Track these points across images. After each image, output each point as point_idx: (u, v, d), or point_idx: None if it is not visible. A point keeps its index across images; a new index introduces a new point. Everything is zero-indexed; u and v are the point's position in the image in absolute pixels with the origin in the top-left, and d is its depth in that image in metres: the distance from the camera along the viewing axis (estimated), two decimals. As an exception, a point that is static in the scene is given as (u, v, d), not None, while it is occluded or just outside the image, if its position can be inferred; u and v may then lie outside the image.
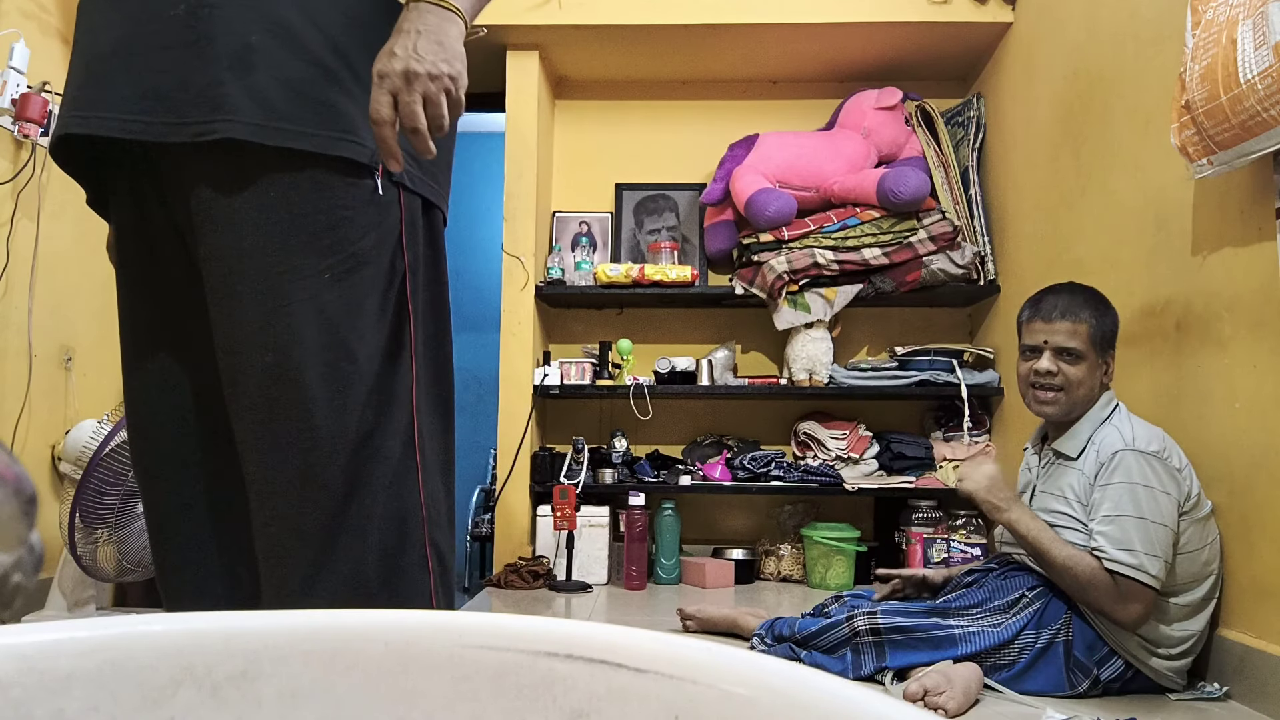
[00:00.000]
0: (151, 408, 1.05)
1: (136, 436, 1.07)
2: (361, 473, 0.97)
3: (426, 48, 0.93)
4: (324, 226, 0.95)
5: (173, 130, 0.93)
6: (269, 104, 0.93)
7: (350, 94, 0.98)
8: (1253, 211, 1.72)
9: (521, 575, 2.86)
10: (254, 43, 0.94)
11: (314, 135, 0.94)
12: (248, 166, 0.93)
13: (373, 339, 0.99)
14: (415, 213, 1.04)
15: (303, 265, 0.94)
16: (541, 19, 3.09)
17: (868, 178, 3.02)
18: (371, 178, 0.98)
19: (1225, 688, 1.70)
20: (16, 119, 2.40)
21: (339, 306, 0.96)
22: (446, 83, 0.94)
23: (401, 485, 1.01)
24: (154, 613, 0.45)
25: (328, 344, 0.95)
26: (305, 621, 0.43)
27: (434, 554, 1.03)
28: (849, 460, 3.09)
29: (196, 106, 0.92)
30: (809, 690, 0.35)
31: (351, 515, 0.97)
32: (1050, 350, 1.80)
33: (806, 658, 1.82)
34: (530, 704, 0.42)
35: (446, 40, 0.95)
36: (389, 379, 1.01)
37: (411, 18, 0.95)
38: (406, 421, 1.02)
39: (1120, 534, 1.63)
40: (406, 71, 0.92)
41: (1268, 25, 1.48)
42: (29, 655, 0.38)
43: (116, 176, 1.04)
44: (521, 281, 3.16)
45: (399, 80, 0.92)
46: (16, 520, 0.62)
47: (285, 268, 0.94)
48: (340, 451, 0.96)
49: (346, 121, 0.97)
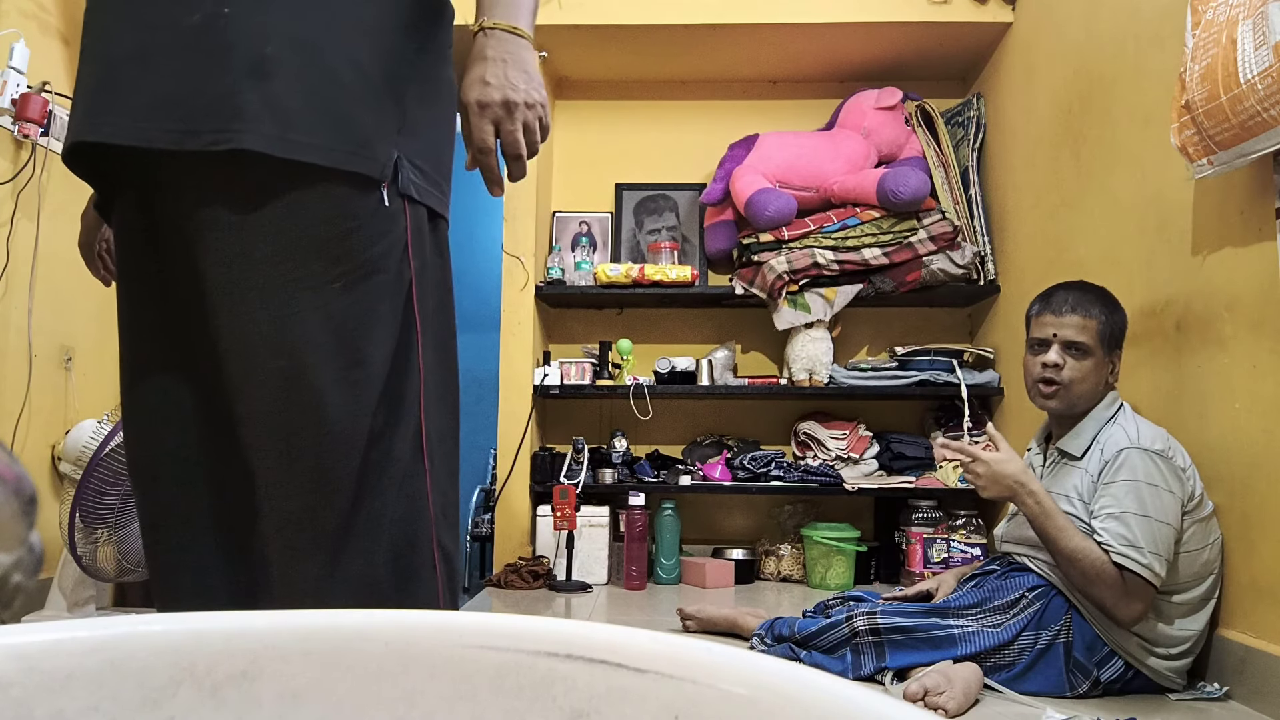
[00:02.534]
0: (151, 414, 1.05)
1: (134, 443, 1.07)
2: (372, 475, 0.98)
3: (518, 76, 0.99)
4: (334, 236, 0.96)
5: (187, 138, 0.93)
6: (284, 114, 0.93)
7: (364, 103, 0.98)
8: (1253, 211, 1.72)
9: (521, 575, 2.86)
10: (270, 52, 0.94)
11: (329, 150, 0.95)
12: (260, 176, 0.94)
13: (383, 345, 1.00)
14: (421, 222, 1.05)
15: (313, 274, 0.95)
16: (541, 19, 3.09)
17: (868, 178, 3.03)
18: (379, 189, 0.99)
19: (1225, 688, 1.70)
20: (16, 119, 2.40)
21: (350, 313, 0.97)
22: (540, 111, 1.00)
23: (411, 488, 1.01)
24: (154, 613, 0.45)
25: (339, 349, 0.96)
26: (305, 621, 0.43)
27: (441, 556, 1.04)
28: (849, 460, 3.09)
29: (211, 115, 0.93)
30: (809, 690, 0.35)
31: (363, 517, 0.98)
32: (1059, 344, 1.80)
33: (806, 658, 1.82)
34: (530, 704, 0.42)
35: (531, 68, 1.01)
36: (399, 384, 1.02)
37: (494, 45, 1.00)
38: (415, 426, 1.03)
39: (1126, 531, 1.63)
40: (506, 102, 0.98)
41: (1268, 25, 1.48)
42: (29, 655, 0.38)
43: (124, 180, 1.04)
44: (521, 281, 3.16)
45: (500, 110, 0.98)
46: (16, 520, 0.63)
47: (295, 276, 0.95)
48: (353, 454, 0.97)
49: (360, 134, 0.97)
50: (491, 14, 1.02)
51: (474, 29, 1.02)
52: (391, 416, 1.01)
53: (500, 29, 1.00)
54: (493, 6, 1.03)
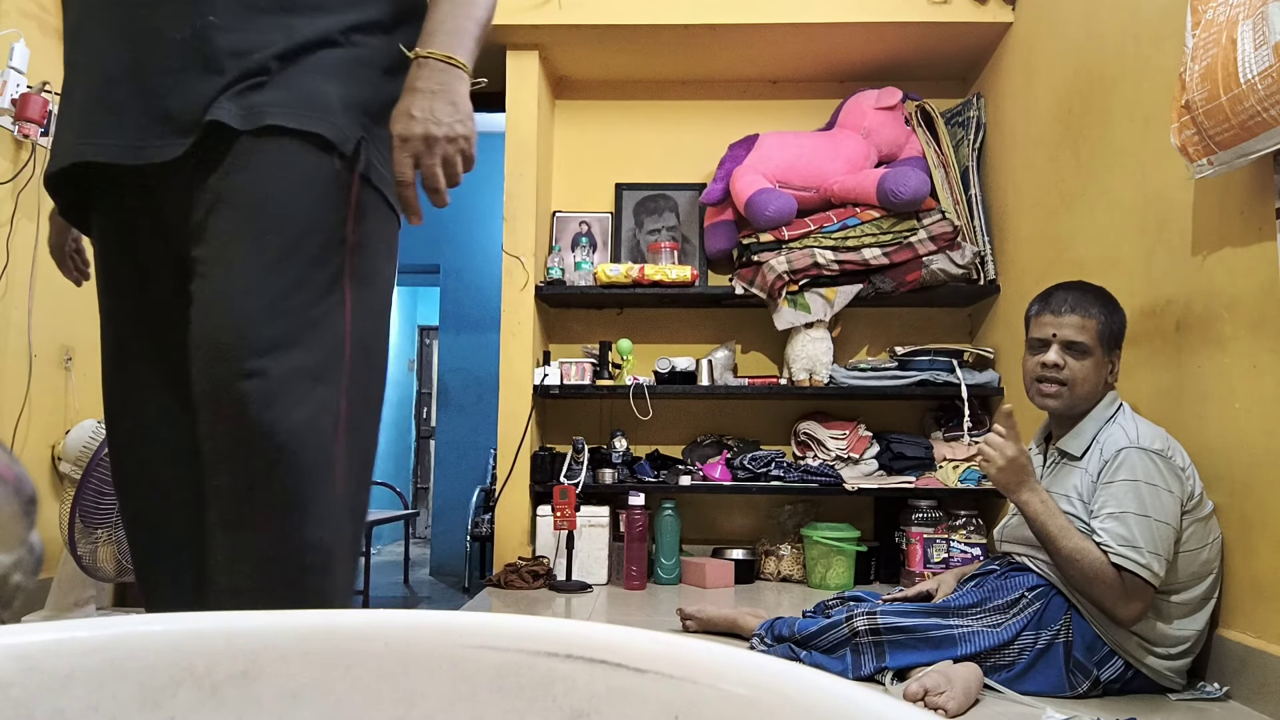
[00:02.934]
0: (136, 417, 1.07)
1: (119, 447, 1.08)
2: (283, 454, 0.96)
3: (443, 110, 1.00)
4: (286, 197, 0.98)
5: (172, 148, 0.97)
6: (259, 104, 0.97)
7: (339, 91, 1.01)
8: (1253, 211, 1.72)
9: (521, 575, 2.86)
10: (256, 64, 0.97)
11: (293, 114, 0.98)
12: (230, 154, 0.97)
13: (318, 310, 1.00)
14: (373, 206, 1.06)
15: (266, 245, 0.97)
16: (541, 19, 3.10)
17: (868, 178, 3.03)
18: (335, 156, 1.01)
19: (1225, 688, 1.70)
20: (16, 119, 2.40)
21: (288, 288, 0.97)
22: (462, 144, 1.02)
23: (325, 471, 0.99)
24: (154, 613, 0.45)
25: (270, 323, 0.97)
26: (305, 621, 0.43)
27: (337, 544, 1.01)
28: (849, 460, 3.09)
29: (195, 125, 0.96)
30: (809, 690, 0.35)
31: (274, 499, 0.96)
32: (1058, 344, 1.80)
33: (806, 658, 1.82)
34: (530, 704, 0.42)
35: (459, 100, 1.02)
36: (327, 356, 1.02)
37: (426, 76, 1.01)
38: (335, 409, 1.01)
39: (1125, 530, 1.63)
40: (427, 136, 0.99)
41: (1268, 25, 1.48)
42: (29, 655, 0.38)
43: (104, 189, 1.05)
44: (521, 281, 3.16)
45: (420, 144, 0.99)
46: (16, 520, 0.63)
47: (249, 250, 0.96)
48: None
49: (327, 106, 1.00)
50: (430, 43, 1.04)
51: (412, 56, 1.04)
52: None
53: (435, 59, 1.02)
54: (433, 34, 1.04)
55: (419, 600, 4.59)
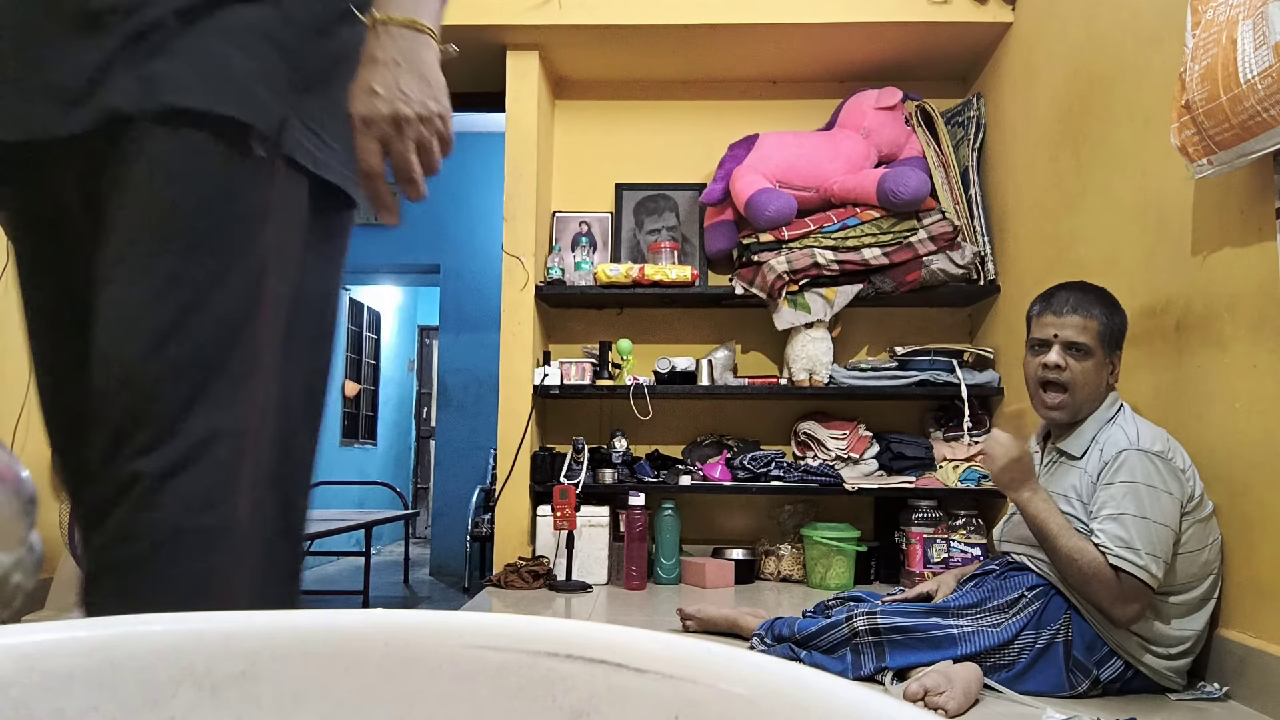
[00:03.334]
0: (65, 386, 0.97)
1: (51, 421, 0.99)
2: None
3: (411, 84, 0.84)
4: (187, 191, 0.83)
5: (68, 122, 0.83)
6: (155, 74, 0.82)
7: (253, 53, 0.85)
8: (1253, 211, 1.72)
9: (521, 575, 2.86)
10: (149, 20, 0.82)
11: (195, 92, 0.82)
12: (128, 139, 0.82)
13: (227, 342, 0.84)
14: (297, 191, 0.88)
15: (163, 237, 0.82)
16: (541, 19, 3.10)
17: (868, 178, 3.03)
18: (252, 141, 0.84)
19: (1225, 688, 1.70)
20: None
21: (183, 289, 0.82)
22: (438, 124, 0.86)
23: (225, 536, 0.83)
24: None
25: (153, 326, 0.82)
26: (305, 621, 0.43)
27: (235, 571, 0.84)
28: (849, 460, 3.10)
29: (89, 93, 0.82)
30: (809, 690, 0.35)
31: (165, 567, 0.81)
32: (1060, 344, 1.80)
33: (806, 658, 1.82)
34: (530, 704, 0.42)
35: (428, 72, 0.86)
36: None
37: (387, 44, 0.85)
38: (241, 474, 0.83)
39: (1124, 532, 1.63)
40: (395, 117, 0.84)
41: (1268, 25, 1.48)
42: (29, 655, 0.38)
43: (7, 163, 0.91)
44: (521, 281, 3.16)
45: (388, 126, 0.84)
46: (16, 520, 0.63)
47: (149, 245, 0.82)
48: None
49: (236, 77, 0.84)
50: (388, 4, 0.86)
51: (368, 22, 0.87)
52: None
53: (395, 24, 0.85)
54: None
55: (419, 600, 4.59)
